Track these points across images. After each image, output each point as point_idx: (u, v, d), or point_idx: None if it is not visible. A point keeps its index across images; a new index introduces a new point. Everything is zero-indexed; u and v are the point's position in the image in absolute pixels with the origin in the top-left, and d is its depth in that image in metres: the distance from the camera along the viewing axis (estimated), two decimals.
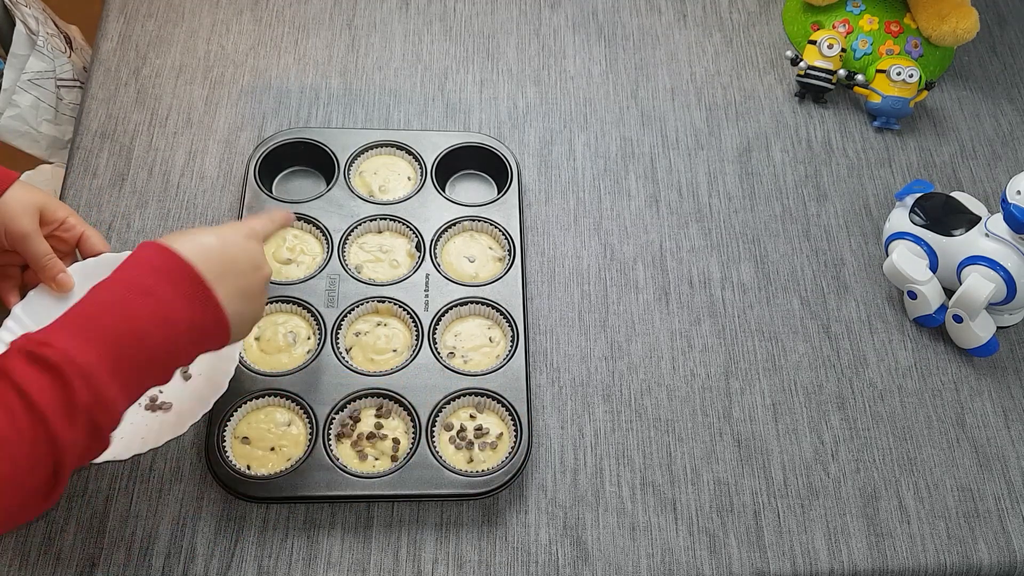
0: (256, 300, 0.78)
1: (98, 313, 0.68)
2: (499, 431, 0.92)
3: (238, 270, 0.75)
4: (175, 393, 0.88)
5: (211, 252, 0.74)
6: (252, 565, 0.86)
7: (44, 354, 0.64)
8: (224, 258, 0.74)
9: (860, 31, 1.21)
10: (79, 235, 0.90)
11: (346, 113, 1.13)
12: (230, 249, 0.76)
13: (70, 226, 0.89)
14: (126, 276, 0.71)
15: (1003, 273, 0.96)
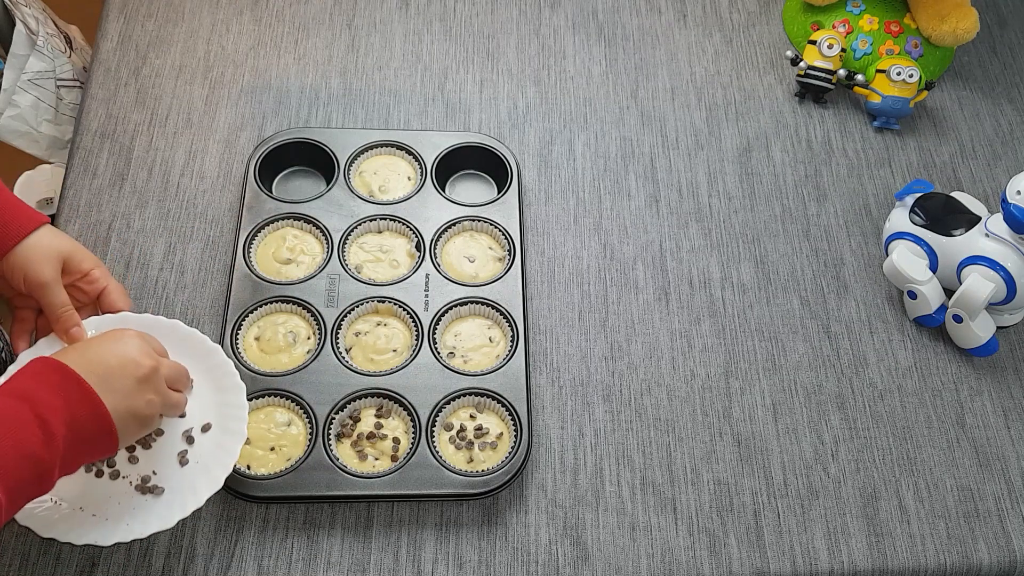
0: (134, 394, 0.75)
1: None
2: (499, 431, 0.92)
3: (107, 358, 0.75)
4: (169, 477, 0.82)
5: (78, 347, 0.75)
6: (252, 565, 0.86)
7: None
8: (91, 351, 0.75)
9: (860, 31, 1.21)
10: (102, 289, 0.87)
11: (346, 113, 1.13)
12: (100, 344, 0.76)
13: (94, 279, 0.87)
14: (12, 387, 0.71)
15: (1003, 273, 0.97)
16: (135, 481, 0.82)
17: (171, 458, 0.83)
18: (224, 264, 1.01)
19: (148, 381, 0.76)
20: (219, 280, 1.00)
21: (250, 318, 0.95)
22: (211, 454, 0.83)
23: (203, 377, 0.86)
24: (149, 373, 0.76)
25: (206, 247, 1.02)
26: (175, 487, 0.82)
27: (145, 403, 0.76)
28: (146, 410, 0.76)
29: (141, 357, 0.76)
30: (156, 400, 0.77)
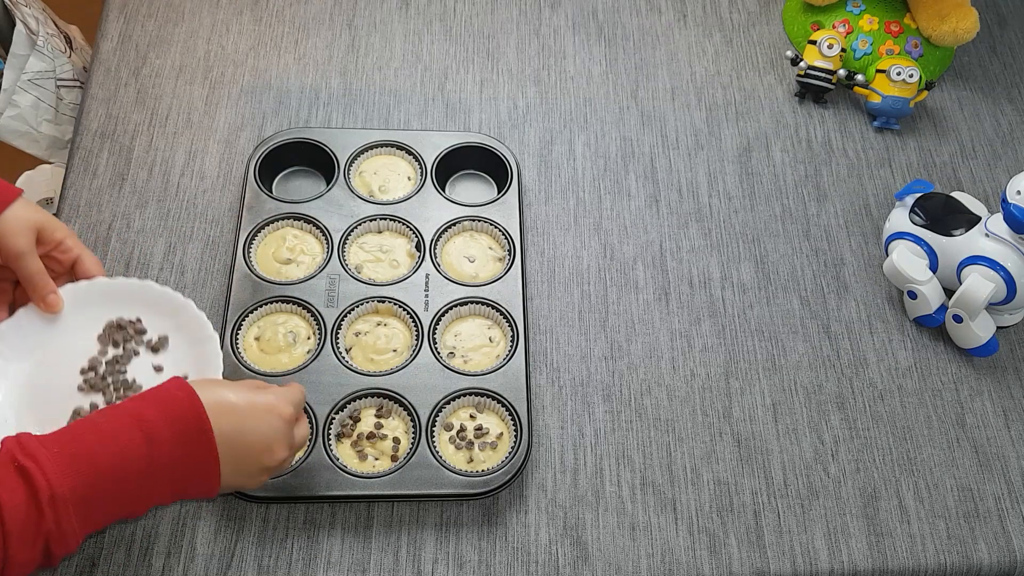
0: (253, 477, 0.77)
1: (93, 444, 0.68)
2: (499, 431, 0.92)
3: (248, 441, 0.75)
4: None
5: (230, 411, 0.74)
6: (252, 565, 0.86)
7: (27, 468, 0.65)
8: (241, 424, 0.74)
9: (860, 31, 1.21)
10: (75, 257, 0.89)
11: (346, 113, 1.13)
12: (250, 420, 0.75)
13: (67, 248, 0.88)
14: (140, 413, 0.71)
15: (1003, 273, 0.96)
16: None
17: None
18: (224, 264, 1.01)
19: (271, 471, 0.78)
20: (219, 280, 1.00)
21: (250, 318, 0.95)
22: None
23: (178, 333, 0.89)
24: (276, 466, 0.78)
25: (206, 247, 1.02)
26: None
27: (255, 483, 0.78)
28: (251, 488, 0.79)
29: (278, 447, 0.76)
30: (266, 480, 0.79)
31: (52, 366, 0.87)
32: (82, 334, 0.89)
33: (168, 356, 0.89)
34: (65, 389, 0.86)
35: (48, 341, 0.88)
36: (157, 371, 0.88)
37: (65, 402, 0.85)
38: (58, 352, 0.88)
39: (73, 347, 0.88)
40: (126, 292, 0.90)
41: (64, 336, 0.88)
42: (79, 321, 0.89)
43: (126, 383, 0.87)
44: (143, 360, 0.88)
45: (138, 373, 0.88)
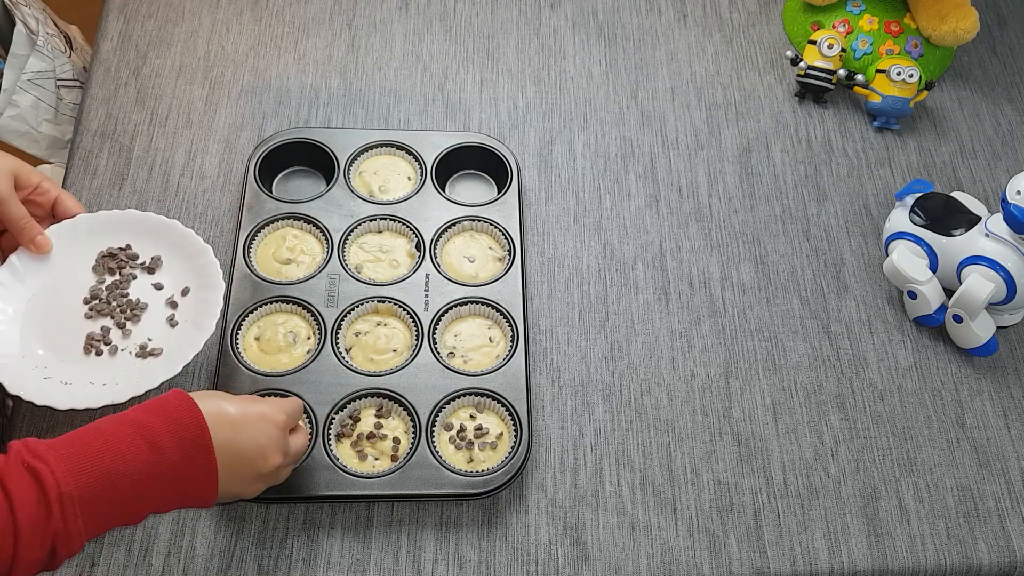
0: (249, 484, 0.78)
1: (98, 448, 0.70)
2: (499, 431, 0.92)
3: (243, 448, 0.76)
4: (164, 339, 0.90)
5: (227, 420, 0.75)
6: (252, 565, 0.86)
7: (37, 468, 0.66)
8: (236, 433, 0.76)
9: (860, 31, 1.21)
10: (54, 198, 0.92)
11: (346, 113, 1.13)
12: (244, 427, 0.76)
13: (44, 190, 0.91)
14: (142, 421, 0.72)
15: (1003, 273, 0.96)
16: (134, 350, 0.89)
17: (161, 323, 0.91)
18: (224, 264, 1.01)
19: (267, 477, 0.79)
20: None
21: (250, 318, 0.95)
22: (196, 309, 0.91)
23: (170, 251, 0.94)
24: (272, 472, 0.79)
25: None
26: (172, 345, 0.89)
27: (252, 491, 0.79)
28: (247, 496, 0.80)
29: (272, 454, 0.78)
30: (262, 487, 0.80)
31: (54, 302, 0.91)
32: (76, 269, 0.93)
33: (165, 274, 0.94)
34: (73, 320, 0.91)
35: (45, 281, 0.92)
36: (157, 288, 0.93)
37: (75, 330, 0.90)
38: (57, 290, 0.92)
39: (71, 282, 0.92)
40: (111, 223, 0.95)
41: (59, 274, 0.92)
42: (71, 258, 0.93)
43: (131, 303, 0.92)
44: (141, 281, 0.93)
45: (140, 293, 0.93)
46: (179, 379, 0.94)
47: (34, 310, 0.91)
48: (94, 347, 0.89)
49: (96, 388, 0.86)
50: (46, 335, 0.89)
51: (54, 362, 0.88)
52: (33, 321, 0.90)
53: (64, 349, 0.89)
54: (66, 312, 0.91)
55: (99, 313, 0.91)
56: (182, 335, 0.90)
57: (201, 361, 0.95)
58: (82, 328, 0.90)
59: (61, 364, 0.88)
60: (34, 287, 0.91)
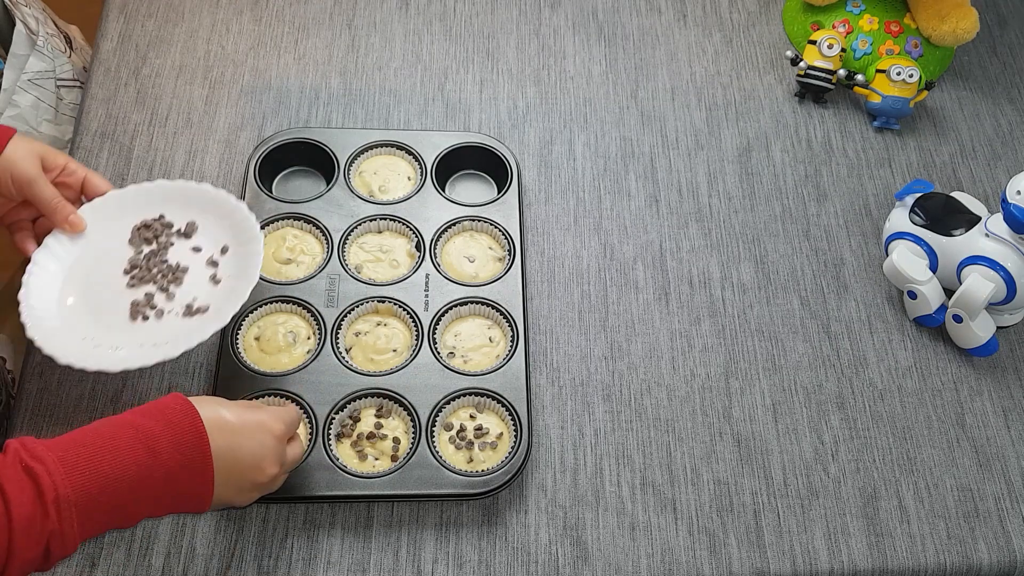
0: (243, 492, 0.78)
1: (96, 450, 0.70)
2: (499, 431, 0.92)
3: (239, 458, 0.76)
4: (209, 295, 0.91)
5: (225, 428, 0.75)
6: (252, 565, 0.86)
7: (34, 469, 0.67)
8: (234, 441, 0.76)
9: (860, 31, 1.21)
10: (82, 178, 0.92)
11: (346, 113, 1.13)
12: (241, 436, 0.76)
13: (71, 171, 0.92)
14: (141, 425, 0.72)
15: (1003, 273, 0.96)
16: (180, 311, 0.90)
17: (204, 282, 0.91)
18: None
19: (261, 488, 0.79)
20: None
21: (250, 318, 0.96)
22: (237, 266, 0.91)
23: (204, 215, 0.94)
24: (267, 482, 0.79)
25: None
26: (218, 300, 0.90)
27: (245, 500, 0.80)
28: (240, 504, 0.80)
29: (268, 464, 0.78)
30: (256, 497, 0.80)
31: (94, 277, 0.92)
32: (113, 244, 0.93)
33: (201, 236, 0.94)
34: (115, 291, 0.91)
35: (83, 260, 0.92)
36: (196, 251, 0.93)
37: (119, 300, 0.90)
38: (96, 265, 0.92)
39: (109, 257, 0.93)
40: (142, 195, 0.95)
41: (96, 251, 0.93)
42: (105, 234, 0.93)
43: (171, 268, 0.92)
44: (179, 247, 0.94)
45: (179, 258, 0.93)
46: (179, 379, 0.94)
47: (75, 286, 0.91)
48: (140, 312, 0.90)
49: (146, 349, 0.86)
50: (90, 308, 0.90)
51: (102, 332, 0.88)
52: (76, 296, 0.90)
53: (110, 319, 0.89)
54: (107, 284, 0.91)
55: (141, 281, 0.91)
56: (227, 289, 0.90)
57: (201, 361, 0.95)
58: (125, 297, 0.91)
59: (109, 333, 0.88)
60: (73, 265, 0.92)
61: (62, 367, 0.93)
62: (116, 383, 0.94)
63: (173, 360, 0.84)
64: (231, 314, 0.87)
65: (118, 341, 0.88)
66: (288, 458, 0.81)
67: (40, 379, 0.93)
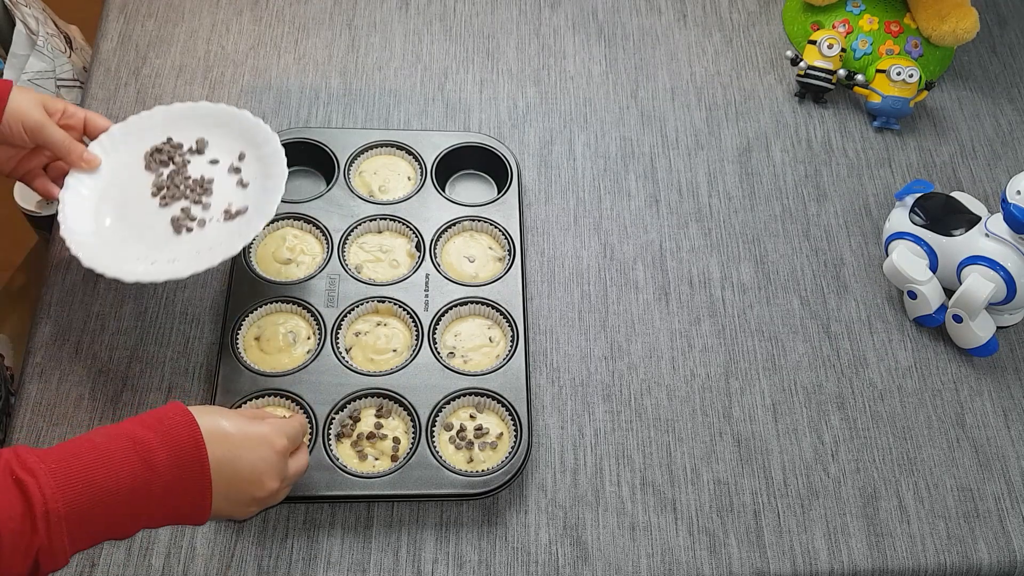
0: (243, 507, 0.77)
1: (90, 462, 0.68)
2: (499, 431, 0.92)
3: (239, 471, 0.75)
4: (243, 198, 0.94)
5: (224, 440, 0.74)
6: (252, 565, 0.86)
7: (25, 482, 0.65)
8: (233, 454, 0.74)
9: (860, 31, 1.21)
10: (83, 119, 0.94)
11: (346, 113, 1.13)
12: (242, 449, 0.75)
13: (72, 113, 0.93)
14: (139, 436, 0.71)
15: (1003, 273, 0.97)
16: (220, 217, 0.93)
17: (233, 187, 0.95)
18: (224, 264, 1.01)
19: (261, 502, 0.78)
20: (219, 280, 1.00)
21: (250, 318, 0.96)
22: (259, 166, 0.95)
23: (210, 128, 0.97)
24: (267, 497, 0.78)
25: None
26: (254, 199, 0.93)
27: (244, 514, 0.79)
28: (239, 517, 0.80)
29: (269, 479, 0.77)
30: (256, 511, 0.79)
31: (126, 206, 0.94)
32: (131, 173, 0.96)
33: (214, 149, 0.97)
34: (150, 213, 0.94)
35: (108, 192, 0.94)
36: (214, 164, 0.96)
37: (158, 221, 0.93)
38: (123, 195, 0.95)
39: (132, 185, 0.95)
40: (144, 123, 0.98)
41: (118, 182, 0.95)
42: (121, 165, 0.96)
43: (198, 182, 0.95)
44: (196, 163, 0.96)
45: (201, 172, 0.96)
46: (179, 379, 0.94)
47: (111, 212, 0.93)
48: (183, 226, 0.93)
49: (204, 254, 0.90)
50: (134, 234, 0.92)
51: (153, 252, 0.91)
52: (115, 227, 0.93)
53: (156, 238, 0.92)
54: (141, 210, 0.94)
55: (172, 199, 0.94)
56: (259, 188, 0.94)
57: (201, 361, 0.95)
58: (163, 217, 0.93)
59: (160, 251, 0.91)
60: (101, 196, 0.94)
61: (62, 367, 0.94)
62: (116, 383, 0.94)
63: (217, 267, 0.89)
64: (274, 207, 0.90)
65: (173, 255, 0.91)
66: (291, 471, 0.79)
67: (40, 379, 0.93)
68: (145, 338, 0.96)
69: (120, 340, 0.96)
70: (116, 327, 0.97)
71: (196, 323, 0.97)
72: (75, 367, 0.94)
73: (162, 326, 0.97)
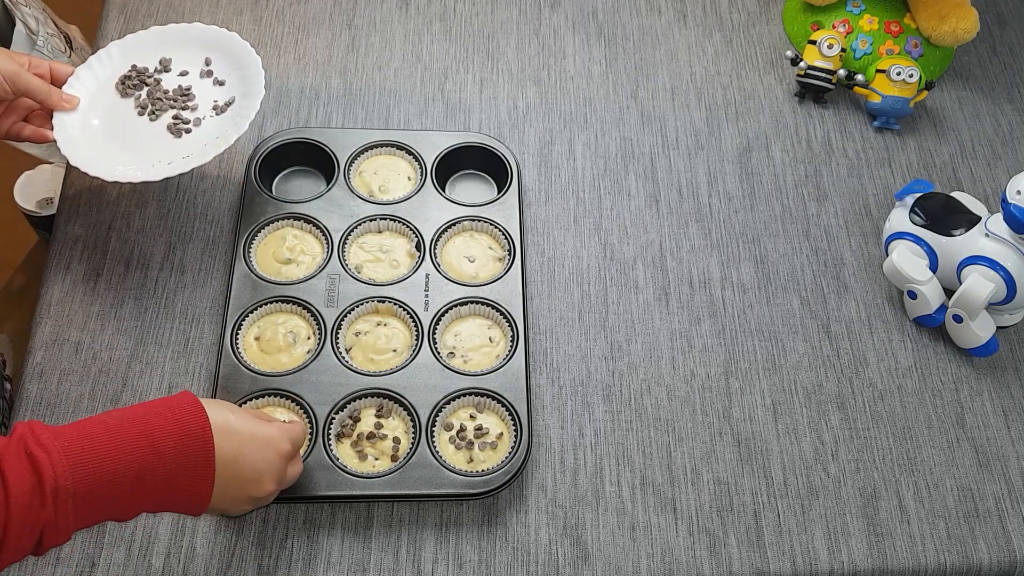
0: (237, 503, 0.78)
1: (101, 444, 0.69)
2: (499, 431, 0.92)
3: (242, 469, 0.76)
4: (226, 93, 1.01)
5: (232, 436, 0.75)
6: (252, 565, 0.86)
7: (38, 458, 0.66)
8: (239, 451, 0.75)
9: (860, 31, 1.21)
10: (47, 68, 0.98)
11: (346, 113, 1.13)
12: (248, 448, 0.76)
13: (37, 64, 0.96)
14: (150, 423, 0.72)
15: (1003, 273, 0.97)
16: (211, 113, 1.00)
17: (212, 89, 1.02)
18: (224, 264, 1.01)
19: (255, 502, 0.79)
20: (219, 280, 1.00)
21: (250, 318, 0.96)
22: (230, 64, 1.02)
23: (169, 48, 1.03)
24: (264, 497, 0.79)
25: (206, 247, 1.02)
26: (238, 90, 1.00)
27: (237, 511, 0.80)
28: (232, 514, 0.80)
29: (268, 480, 0.78)
30: (249, 510, 0.80)
31: (120, 131, 0.99)
32: (111, 103, 1.01)
33: (180, 63, 1.03)
34: (145, 129, 0.99)
35: (96, 124, 0.99)
36: (184, 75, 1.02)
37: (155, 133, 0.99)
38: (111, 121, 0.99)
39: (116, 112, 1.00)
40: (106, 59, 1.02)
41: (101, 114, 1.00)
42: (98, 100, 1.00)
43: (176, 92, 1.01)
44: (168, 79, 1.02)
45: (176, 84, 1.02)
46: (179, 379, 0.94)
47: (108, 139, 0.98)
48: (180, 130, 0.98)
49: (213, 142, 0.96)
50: (139, 146, 0.98)
51: (164, 156, 0.96)
52: (117, 147, 0.97)
53: (163, 147, 0.97)
54: (134, 128, 0.99)
55: (159, 111, 1.00)
56: (237, 79, 1.01)
57: (201, 361, 0.95)
58: (157, 127, 0.99)
59: (170, 154, 0.96)
60: (90, 130, 0.98)
61: (62, 368, 0.94)
62: (116, 383, 0.94)
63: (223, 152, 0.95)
64: (261, 88, 0.98)
65: (183, 151, 0.96)
66: (287, 477, 0.81)
67: (40, 379, 0.93)
68: (145, 338, 0.96)
69: (120, 340, 0.96)
70: (116, 327, 0.97)
71: (196, 323, 0.97)
72: (75, 367, 0.94)
73: (162, 326, 0.97)
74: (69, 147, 0.95)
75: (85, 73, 1.01)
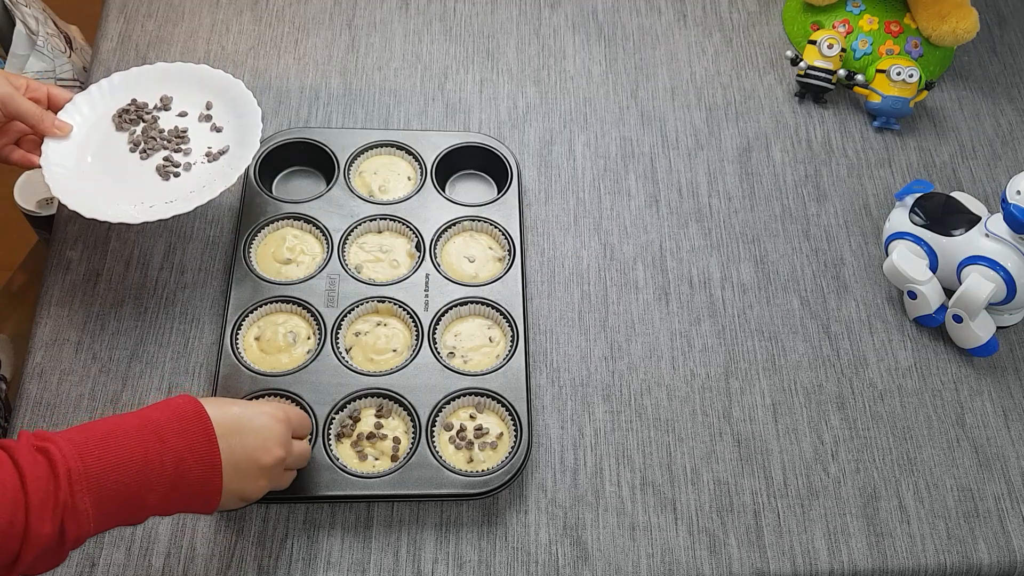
0: (253, 479, 0.78)
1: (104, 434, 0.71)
2: (499, 431, 0.92)
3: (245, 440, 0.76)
4: (221, 140, 0.99)
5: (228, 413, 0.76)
6: (252, 565, 0.86)
7: (46, 447, 0.68)
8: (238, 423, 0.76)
9: (860, 31, 1.21)
10: (45, 92, 0.97)
11: (346, 113, 1.13)
12: (245, 418, 0.77)
13: (35, 87, 0.96)
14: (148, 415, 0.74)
15: (1003, 273, 0.97)
16: (203, 160, 0.98)
17: (207, 133, 1.00)
18: (224, 264, 1.01)
19: (269, 470, 0.79)
20: (219, 280, 1.00)
21: (250, 318, 0.96)
22: (230, 109, 1.00)
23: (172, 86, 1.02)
24: (274, 463, 0.78)
25: (206, 247, 1.02)
26: (233, 137, 0.99)
27: (255, 488, 0.79)
28: (253, 495, 0.79)
29: (274, 445, 0.78)
30: (266, 485, 0.80)
31: (109, 164, 0.97)
32: (104, 136, 0.99)
33: (180, 103, 1.01)
34: (134, 167, 0.98)
35: (85, 157, 0.97)
36: (183, 116, 1.01)
37: (143, 172, 0.97)
38: (102, 155, 0.98)
39: (108, 146, 0.99)
40: (107, 90, 1.01)
41: (93, 145, 0.98)
42: (92, 131, 0.99)
43: (172, 133, 0.99)
44: (165, 118, 1.01)
45: (173, 124, 1.00)
46: (179, 379, 0.94)
47: (96, 174, 0.96)
48: (169, 173, 0.97)
49: (199, 190, 0.94)
50: (123, 185, 0.96)
51: (149, 198, 0.95)
52: (104, 183, 0.96)
53: (146, 187, 0.96)
54: (124, 164, 0.98)
55: (151, 151, 0.98)
56: (235, 128, 0.99)
57: (201, 361, 0.95)
58: (147, 167, 0.97)
59: (154, 196, 0.95)
60: (79, 162, 0.96)
61: (62, 368, 0.94)
62: (116, 383, 0.94)
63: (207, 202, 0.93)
64: (257, 137, 0.96)
65: (168, 196, 0.95)
66: (295, 451, 0.81)
67: (40, 380, 0.93)
68: (145, 338, 0.96)
69: (120, 340, 0.96)
70: (116, 327, 0.97)
71: (196, 323, 0.97)
72: (75, 367, 0.94)
73: (162, 326, 0.97)
74: (52, 176, 0.94)
75: (83, 100, 0.99)
